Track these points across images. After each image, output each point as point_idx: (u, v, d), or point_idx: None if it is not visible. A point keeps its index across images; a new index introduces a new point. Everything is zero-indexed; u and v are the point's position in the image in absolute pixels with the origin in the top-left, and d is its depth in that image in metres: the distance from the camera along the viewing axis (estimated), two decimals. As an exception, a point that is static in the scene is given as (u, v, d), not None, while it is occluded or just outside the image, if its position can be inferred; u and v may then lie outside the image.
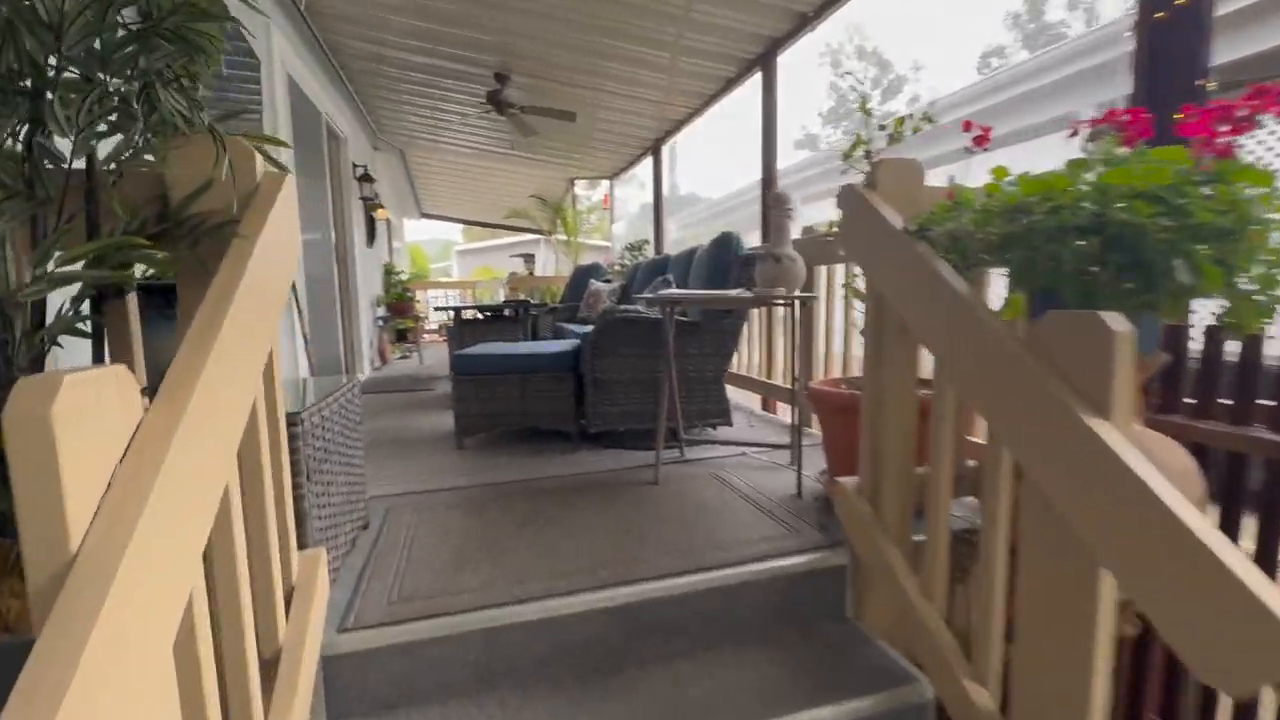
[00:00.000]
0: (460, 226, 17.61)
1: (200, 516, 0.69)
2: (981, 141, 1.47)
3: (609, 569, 1.51)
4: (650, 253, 6.04)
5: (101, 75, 0.87)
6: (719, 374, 2.68)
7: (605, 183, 8.77)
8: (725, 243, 2.68)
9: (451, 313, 3.71)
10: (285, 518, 1.10)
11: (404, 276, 7.01)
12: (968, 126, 1.47)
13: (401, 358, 6.71)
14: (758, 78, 3.99)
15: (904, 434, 1.39)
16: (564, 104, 5.11)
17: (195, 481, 0.67)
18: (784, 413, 3.27)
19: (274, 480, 1.01)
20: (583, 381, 2.69)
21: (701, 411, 2.69)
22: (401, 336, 6.52)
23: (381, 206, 7.98)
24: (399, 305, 6.22)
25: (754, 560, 1.54)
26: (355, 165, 5.35)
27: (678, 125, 5.32)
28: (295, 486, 1.26)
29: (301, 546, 1.25)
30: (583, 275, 5.88)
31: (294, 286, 3.29)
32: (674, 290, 2.41)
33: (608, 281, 5.76)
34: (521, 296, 8.30)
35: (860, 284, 1.62)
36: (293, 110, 3.63)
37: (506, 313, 4.38)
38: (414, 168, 9.40)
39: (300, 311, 3.32)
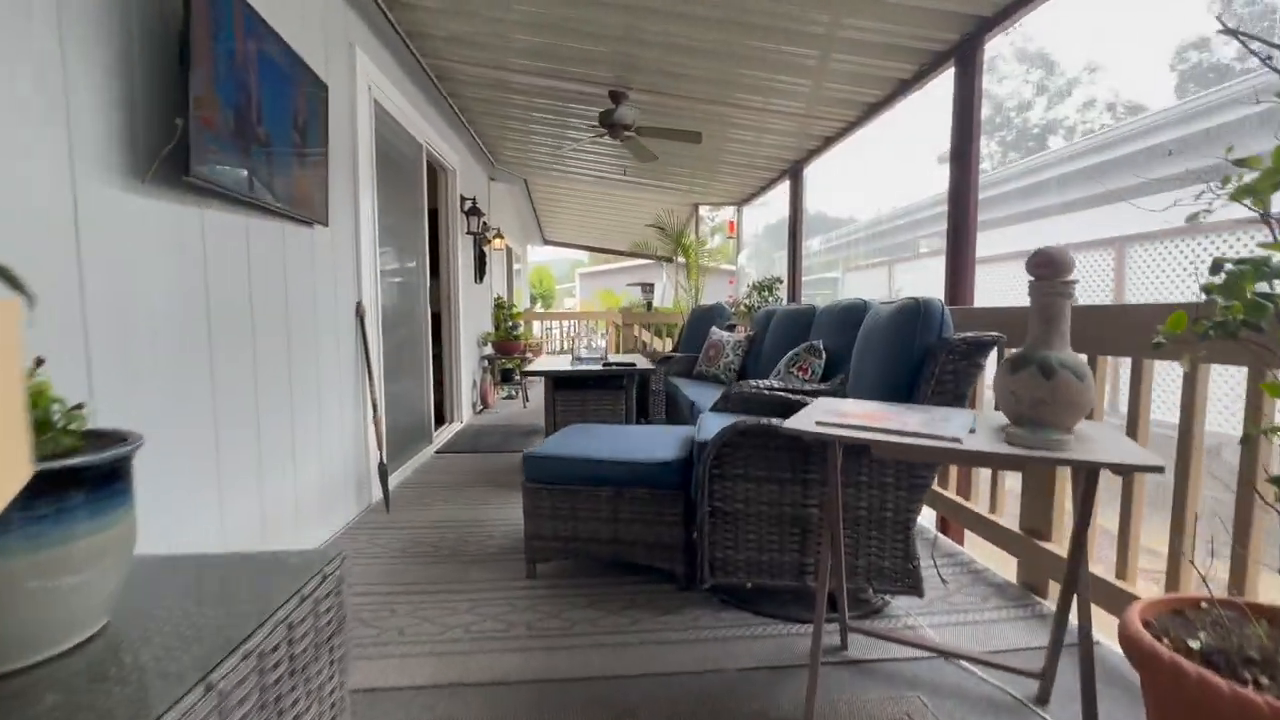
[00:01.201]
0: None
1: None
2: None
3: None
4: (783, 295, 5.13)
5: None
6: (906, 518, 1.76)
7: (731, 208, 7.98)
8: (917, 317, 1.76)
9: (543, 376, 3.11)
10: None
11: (515, 310, 6.65)
12: None
13: (506, 398, 6.32)
14: (929, 84, 3.02)
15: None
16: (687, 123, 4.41)
17: None
18: (991, 555, 2.24)
19: None
20: (695, 504, 1.90)
21: (875, 569, 1.78)
22: (507, 377, 6.12)
23: (500, 236, 7.79)
24: (506, 345, 5.82)
25: None
26: (464, 198, 5.02)
27: (825, 143, 4.40)
28: None
29: None
30: (702, 318, 5.10)
31: (365, 350, 2.82)
32: (846, 425, 1.53)
33: (731, 327, 4.94)
34: (635, 332, 7.70)
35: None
36: (382, 141, 3.22)
37: (601, 364, 3.69)
38: (536, 195, 9.22)
39: (371, 377, 2.84)
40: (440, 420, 4.82)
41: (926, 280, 6.21)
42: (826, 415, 1.30)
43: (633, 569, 2.10)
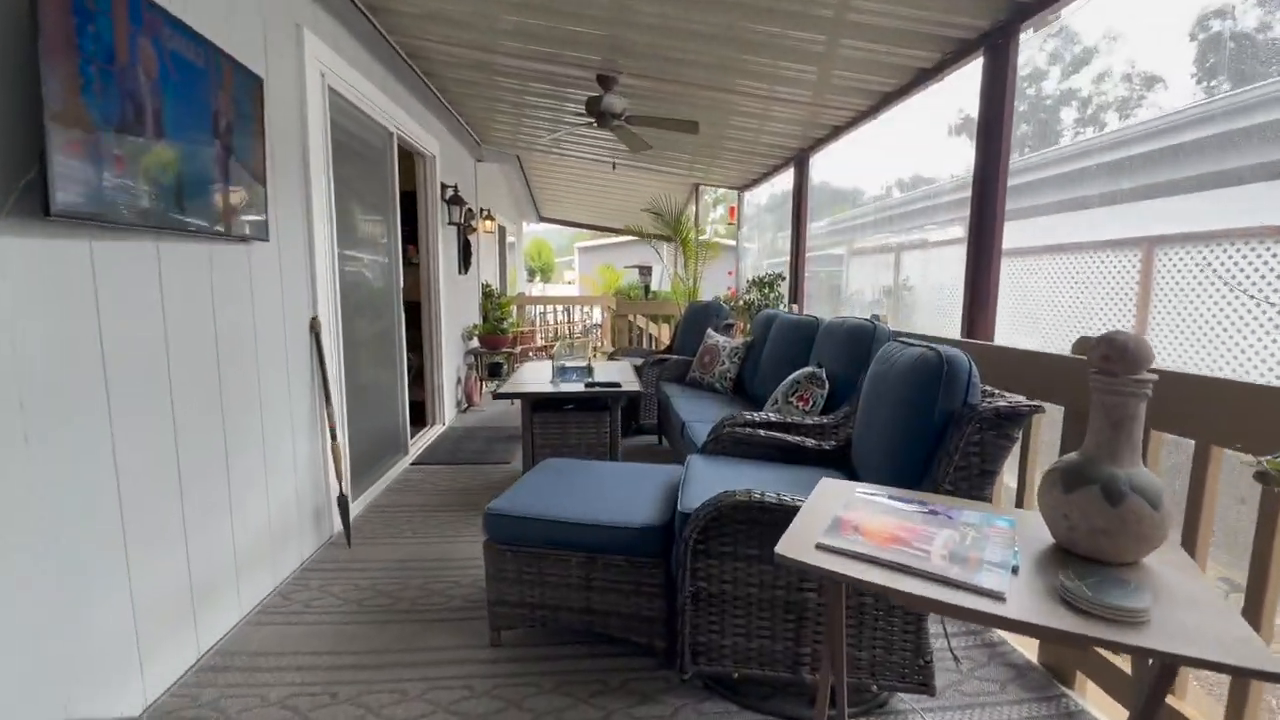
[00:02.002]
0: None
1: None
2: None
3: None
4: (784, 292, 4.83)
5: None
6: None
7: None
8: (939, 378, 1.49)
9: (518, 399, 2.84)
10: None
11: (504, 299, 6.34)
12: None
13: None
14: (952, 76, 2.70)
15: None
16: (684, 111, 4.06)
17: None
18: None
19: None
20: (676, 578, 1.66)
21: (880, 663, 1.55)
22: (494, 371, 5.86)
23: (490, 217, 7.44)
24: (492, 339, 5.54)
25: None
26: (445, 186, 4.69)
27: (833, 132, 4.06)
28: None
29: None
30: (698, 315, 4.83)
31: (322, 370, 2.56)
32: (856, 555, 1.26)
33: (728, 327, 4.66)
34: (632, 318, 7.41)
35: None
36: (341, 132, 2.90)
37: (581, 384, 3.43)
38: (530, 172, 8.84)
39: (329, 399, 2.58)
40: (421, 422, 4.59)
41: (937, 273, 5.88)
42: (833, 537, 1.04)
43: (607, 638, 1.88)
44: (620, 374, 3.36)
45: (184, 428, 1.75)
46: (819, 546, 1.02)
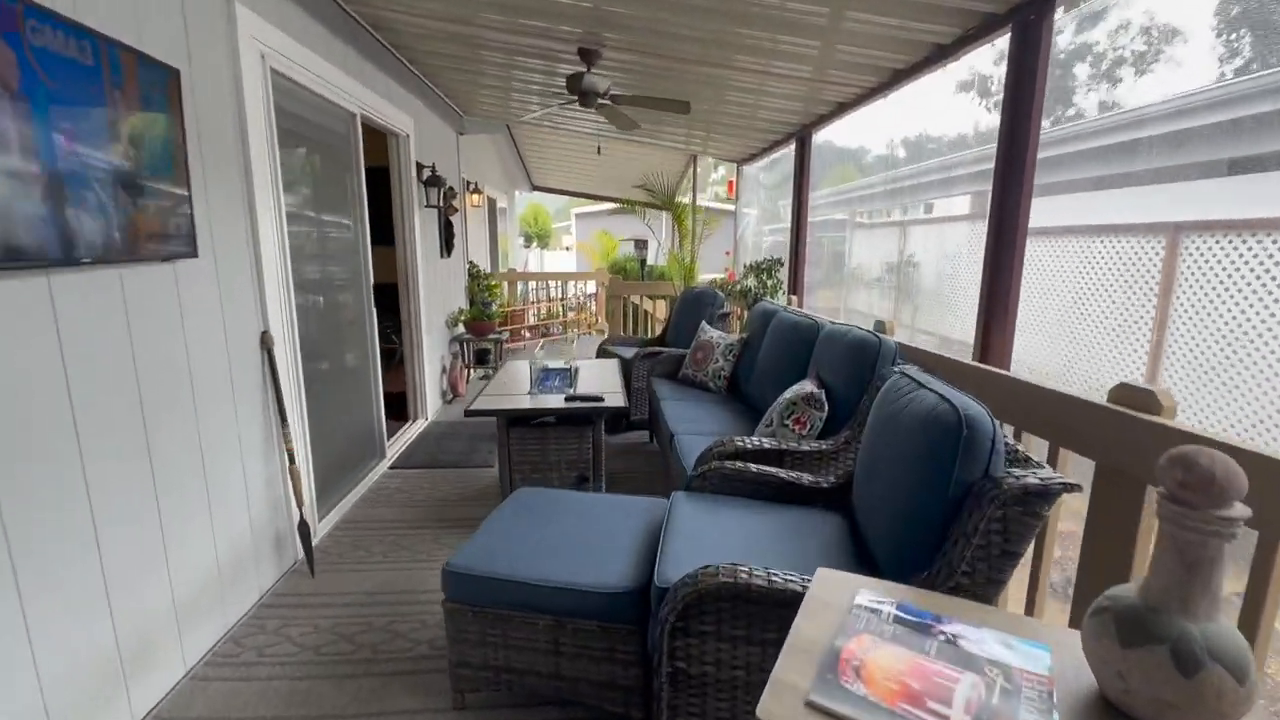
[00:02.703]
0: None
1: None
2: None
3: None
4: (784, 281, 4.57)
5: None
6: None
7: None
8: (957, 444, 1.26)
9: (502, 415, 2.63)
10: None
11: (491, 282, 6.07)
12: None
13: (482, 378, 5.87)
14: (972, 54, 2.40)
15: None
16: (672, 87, 3.74)
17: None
18: None
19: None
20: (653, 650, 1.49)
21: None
22: (482, 358, 5.64)
23: (478, 191, 7.11)
24: (478, 326, 5.30)
25: None
26: (421, 166, 4.38)
27: (838, 109, 3.74)
28: None
29: None
30: (693, 303, 4.59)
31: (276, 387, 2.35)
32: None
33: (724, 316, 4.43)
34: (628, 297, 7.14)
35: None
36: (292, 119, 2.62)
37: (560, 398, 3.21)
38: (521, 141, 8.45)
39: (285, 419, 2.37)
40: (402, 417, 4.41)
41: (949, 252, 5.57)
42: (829, 689, 0.85)
43: (580, 704, 1.71)
44: (605, 380, 3.14)
45: (99, 478, 1.55)
46: (810, 705, 0.83)
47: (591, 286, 8.77)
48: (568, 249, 25.26)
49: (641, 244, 9.24)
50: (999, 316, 2.26)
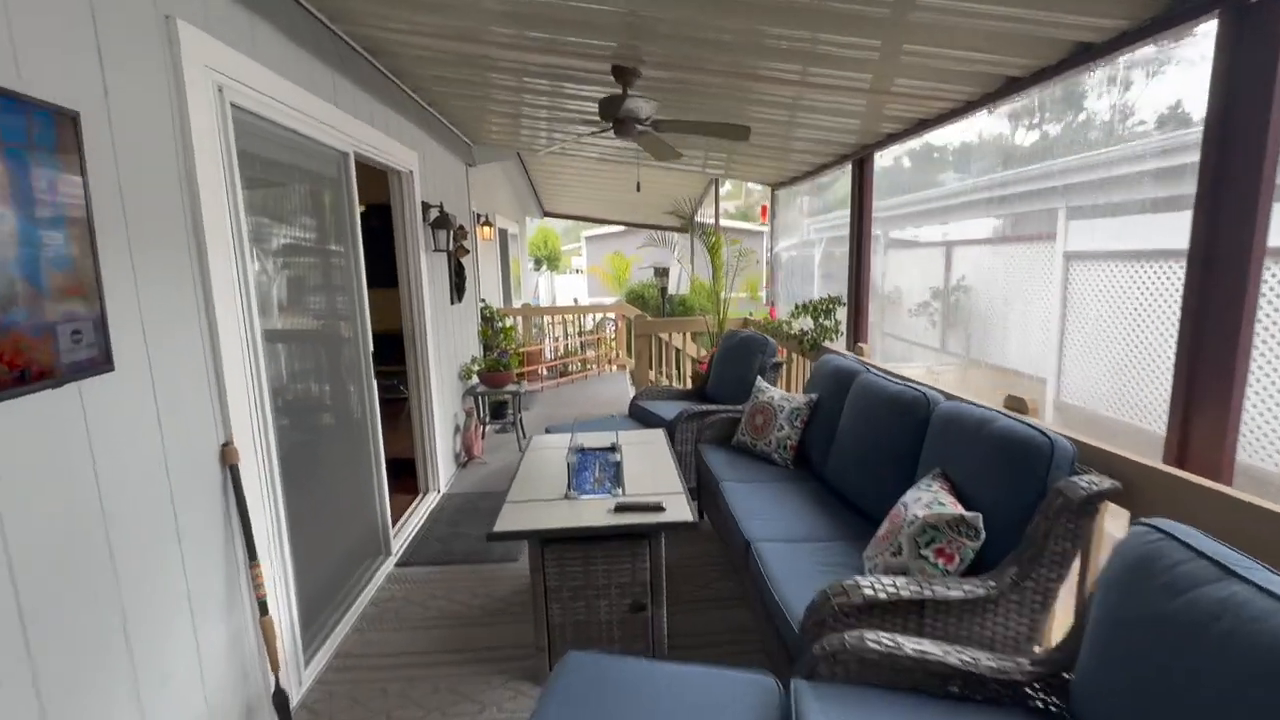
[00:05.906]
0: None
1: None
2: None
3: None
4: (842, 317, 3.97)
5: None
6: None
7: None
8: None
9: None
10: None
11: (508, 325, 5.53)
12: None
13: (500, 431, 5.31)
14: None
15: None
16: (718, 106, 3.20)
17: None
18: None
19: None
20: None
21: None
22: (498, 412, 5.09)
23: (489, 224, 6.61)
24: (493, 377, 4.74)
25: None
26: (428, 206, 3.87)
27: (917, 126, 3.19)
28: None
29: None
30: (738, 350, 4.01)
31: (243, 516, 1.79)
32: None
33: (776, 367, 3.85)
34: (655, 334, 6.58)
35: None
36: (263, 165, 2.10)
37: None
38: (531, 167, 8.01)
39: (254, 556, 1.81)
40: (412, 490, 3.85)
41: (1004, 275, 4.93)
42: None
43: None
44: (658, 470, 2.53)
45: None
46: None
47: (611, 328, 8.26)
48: (578, 271, 24.81)
49: (662, 272, 8.69)
50: (1210, 393, 1.65)
